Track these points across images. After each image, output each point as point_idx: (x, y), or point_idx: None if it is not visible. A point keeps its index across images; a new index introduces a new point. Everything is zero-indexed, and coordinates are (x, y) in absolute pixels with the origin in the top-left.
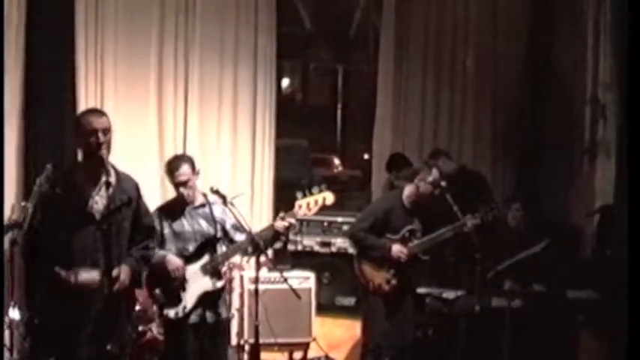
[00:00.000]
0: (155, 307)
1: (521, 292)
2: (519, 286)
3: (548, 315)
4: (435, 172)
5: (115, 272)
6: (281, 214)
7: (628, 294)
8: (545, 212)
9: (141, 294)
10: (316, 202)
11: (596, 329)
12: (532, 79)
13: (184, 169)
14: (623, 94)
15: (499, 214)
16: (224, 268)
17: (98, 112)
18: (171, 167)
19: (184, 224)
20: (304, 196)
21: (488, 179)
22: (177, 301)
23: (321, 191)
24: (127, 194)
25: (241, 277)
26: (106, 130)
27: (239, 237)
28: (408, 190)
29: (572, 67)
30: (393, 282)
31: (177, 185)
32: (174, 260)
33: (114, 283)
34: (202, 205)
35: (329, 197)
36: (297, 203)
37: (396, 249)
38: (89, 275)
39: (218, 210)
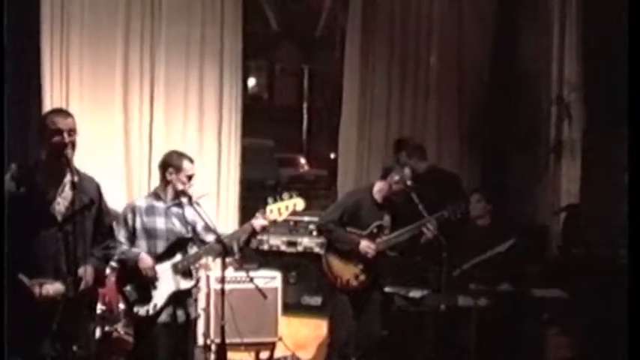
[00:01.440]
0: (121, 307)
1: (487, 290)
2: (485, 285)
3: (514, 314)
4: (407, 171)
5: (80, 271)
6: (259, 213)
7: (628, 294)
8: (511, 211)
9: (106, 294)
10: (287, 207)
11: (562, 328)
12: (497, 79)
13: (191, 165)
14: (589, 94)
15: (466, 213)
16: (194, 269)
17: (64, 113)
18: (178, 162)
19: (158, 222)
20: (275, 201)
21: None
22: (147, 299)
23: (291, 197)
24: (89, 195)
25: (207, 277)
26: (72, 131)
27: (210, 238)
28: (378, 185)
29: (538, 67)
30: (362, 277)
31: (182, 179)
32: (146, 259)
33: (78, 284)
34: (176, 205)
35: (299, 203)
36: (267, 208)
37: (365, 244)
38: (54, 288)
39: (190, 211)
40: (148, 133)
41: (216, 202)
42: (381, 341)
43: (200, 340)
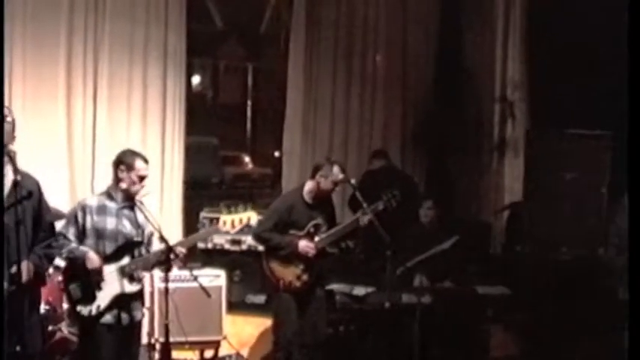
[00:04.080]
0: (65, 307)
1: (431, 288)
2: (429, 282)
3: (458, 310)
4: (335, 169)
5: (23, 266)
6: (212, 225)
7: (628, 293)
8: (455, 209)
9: (49, 292)
10: (240, 220)
11: (505, 324)
12: (441, 78)
13: (147, 165)
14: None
15: (400, 202)
16: (141, 273)
17: None
18: (130, 160)
19: (108, 222)
20: (229, 212)
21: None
22: (91, 299)
23: (245, 209)
24: (27, 189)
25: (151, 276)
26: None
27: (156, 244)
28: (308, 185)
29: (482, 67)
30: (304, 277)
31: (133, 178)
32: (94, 259)
33: (18, 279)
34: (129, 207)
35: (253, 217)
36: (221, 219)
37: (303, 244)
38: None
39: (140, 215)
40: (92, 132)
41: (159, 201)
42: (325, 339)
43: (144, 339)
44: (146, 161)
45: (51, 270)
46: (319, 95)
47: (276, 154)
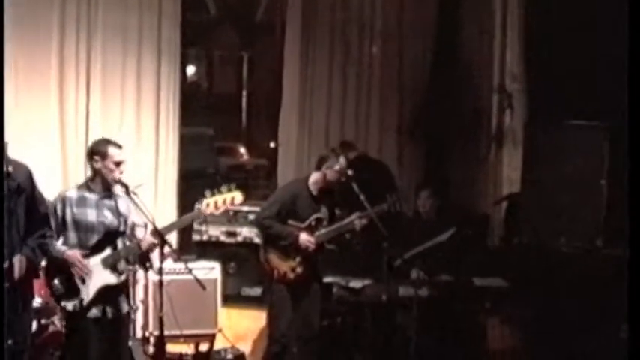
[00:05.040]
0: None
1: (428, 280)
2: (427, 275)
3: (455, 303)
4: (342, 160)
5: (15, 260)
6: (197, 204)
7: (628, 293)
8: (453, 200)
9: (41, 286)
10: (224, 201)
11: (503, 316)
12: (439, 68)
13: (121, 151)
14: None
15: (405, 204)
16: (125, 265)
17: None
18: (103, 149)
19: (89, 214)
20: (212, 194)
21: (395, 168)
22: (75, 293)
23: (229, 190)
24: (17, 181)
25: (146, 268)
26: None
27: (140, 233)
28: (314, 177)
29: (480, 57)
30: (299, 270)
31: (109, 166)
32: (73, 256)
33: (10, 273)
34: (109, 197)
35: (237, 197)
36: (204, 201)
37: (304, 238)
38: None
39: (123, 203)
40: (85, 123)
41: (154, 193)
42: (321, 331)
43: (139, 333)
44: (119, 147)
45: (44, 262)
46: (315, 84)
47: (272, 145)
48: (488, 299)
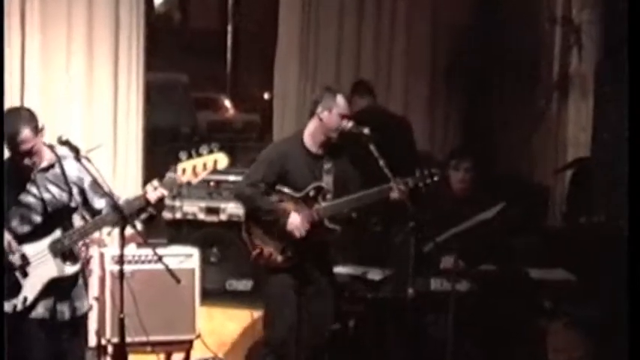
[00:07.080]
0: None
1: (468, 271)
2: (466, 264)
3: (504, 301)
4: (339, 99)
5: None
6: (155, 183)
7: (628, 293)
8: (500, 168)
9: None
10: (205, 165)
11: (567, 319)
12: None
13: (25, 135)
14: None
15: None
16: (80, 248)
17: None
18: (7, 130)
19: (29, 192)
20: (190, 157)
21: (427, 124)
22: (15, 290)
23: (211, 152)
24: None
25: (101, 256)
26: None
27: (100, 204)
28: (309, 128)
29: None
30: (289, 252)
31: (16, 154)
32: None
33: None
34: (52, 166)
35: (222, 160)
36: (179, 166)
37: (295, 221)
38: None
39: (72, 169)
40: (19, 67)
41: (112, 157)
42: (330, 337)
43: (93, 340)
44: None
45: None
46: (321, 17)
47: (266, 96)
48: (547, 297)
